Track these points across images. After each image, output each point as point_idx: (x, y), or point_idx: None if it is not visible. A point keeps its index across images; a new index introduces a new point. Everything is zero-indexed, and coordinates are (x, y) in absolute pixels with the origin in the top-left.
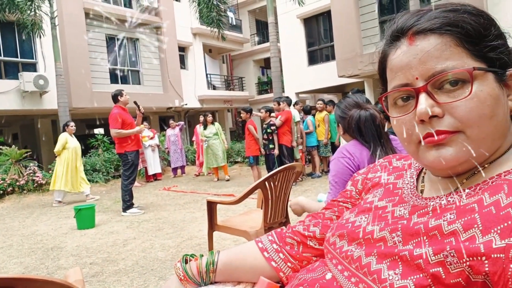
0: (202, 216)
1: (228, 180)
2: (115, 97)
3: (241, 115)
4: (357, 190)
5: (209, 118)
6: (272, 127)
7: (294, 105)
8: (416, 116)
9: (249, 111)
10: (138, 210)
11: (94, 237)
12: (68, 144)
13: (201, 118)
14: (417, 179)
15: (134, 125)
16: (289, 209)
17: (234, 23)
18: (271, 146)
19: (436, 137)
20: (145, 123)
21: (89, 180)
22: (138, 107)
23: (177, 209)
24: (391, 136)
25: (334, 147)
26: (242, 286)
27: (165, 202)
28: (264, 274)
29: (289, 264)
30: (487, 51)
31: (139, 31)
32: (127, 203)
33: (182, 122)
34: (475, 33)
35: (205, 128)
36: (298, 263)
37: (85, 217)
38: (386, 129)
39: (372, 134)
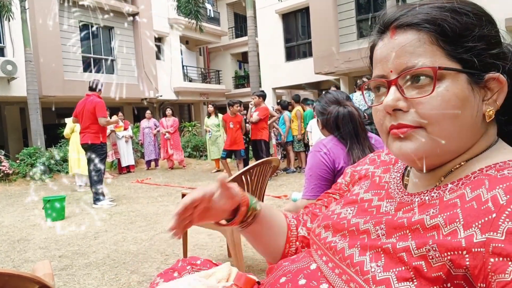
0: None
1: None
2: (97, 86)
3: (236, 107)
4: (345, 183)
5: (210, 108)
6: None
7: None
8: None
9: (238, 103)
10: (110, 202)
11: (64, 229)
12: (77, 127)
13: (210, 108)
14: (403, 173)
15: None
16: (266, 203)
17: (212, 15)
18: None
19: (397, 130)
20: (119, 113)
21: (58, 171)
22: None
23: (150, 202)
24: (370, 134)
25: (306, 143)
26: (215, 277)
27: (138, 195)
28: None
29: (300, 230)
30: (462, 51)
31: (114, 19)
32: (99, 195)
33: (158, 127)
34: (451, 33)
35: (209, 118)
36: (301, 236)
37: (54, 209)
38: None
39: (349, 131)
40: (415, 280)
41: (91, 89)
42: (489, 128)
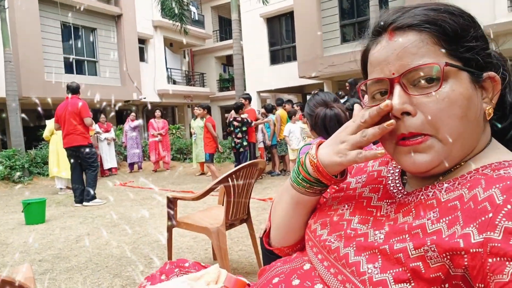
0: (160, 213)
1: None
2: (77, 89)
3: (198, 111)
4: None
5: (196, 110)
6: (249, 125)
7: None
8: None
9: (206, 108)
10: (99, 200)
11: (44, 232)
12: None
13: (196, 111)
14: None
15: None
16: (251, 205)
17: (197, 18)
18: (244, 143)
19: (411, 141)
20: (102, 115)
21: (38, 174)
22: None
23: (134, 205)
24: None
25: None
26: (204, 280)
27: (121, 198)
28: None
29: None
30: (463, 51)
31: (97, 20)
32: (93, 193)
33: (140, 122)
34: (452, 33)
35: (194, 120)
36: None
37: (34, 212)
38: None
39: None
40: (412, 282)
41: (72, 91)
42: (486, 127)
